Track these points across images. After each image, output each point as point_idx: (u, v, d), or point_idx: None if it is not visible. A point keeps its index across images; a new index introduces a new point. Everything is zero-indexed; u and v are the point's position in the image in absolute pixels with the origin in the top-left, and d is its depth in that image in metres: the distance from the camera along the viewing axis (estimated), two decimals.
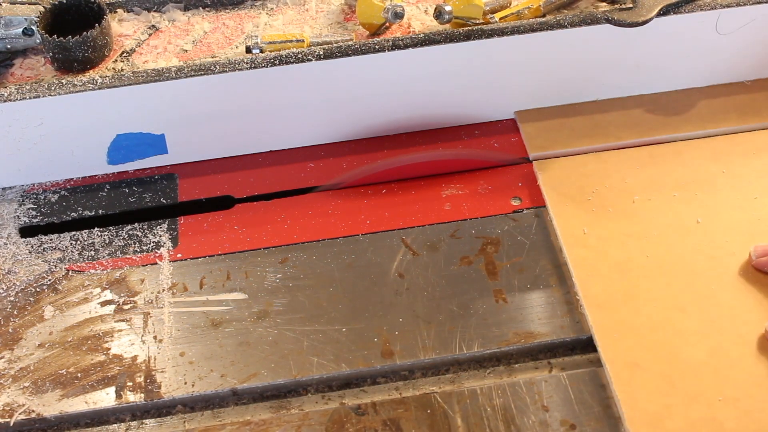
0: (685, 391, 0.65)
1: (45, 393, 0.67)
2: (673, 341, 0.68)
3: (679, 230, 0.76)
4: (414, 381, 0.68)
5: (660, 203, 0.78)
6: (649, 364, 0.66)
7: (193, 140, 0.83)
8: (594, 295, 0.71)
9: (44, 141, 0.79)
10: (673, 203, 0.78)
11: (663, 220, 0.76)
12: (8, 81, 0.81)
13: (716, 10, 0.81)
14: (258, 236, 0.79)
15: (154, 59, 0.83)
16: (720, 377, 0.65)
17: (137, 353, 0.70)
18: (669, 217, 0.77)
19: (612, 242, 0.75)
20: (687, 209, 0.77)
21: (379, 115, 0.84)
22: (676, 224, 0.76)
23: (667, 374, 0.66)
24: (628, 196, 0.79)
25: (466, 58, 0.81)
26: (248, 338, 0.71)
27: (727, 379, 0.65)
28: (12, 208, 0.81)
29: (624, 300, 0.71)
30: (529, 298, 0.73)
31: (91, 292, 0.74)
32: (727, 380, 0.65)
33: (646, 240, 0.75)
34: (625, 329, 0.69)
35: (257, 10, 0.88)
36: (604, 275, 0.73)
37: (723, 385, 0.65)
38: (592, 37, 0.81)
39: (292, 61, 0.77)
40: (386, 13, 0.81)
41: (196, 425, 0.67)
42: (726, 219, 0.76)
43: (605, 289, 0.72)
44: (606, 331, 0.69)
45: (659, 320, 0.69)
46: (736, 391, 0.64)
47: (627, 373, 0.66)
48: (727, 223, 0.76)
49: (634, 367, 0.66)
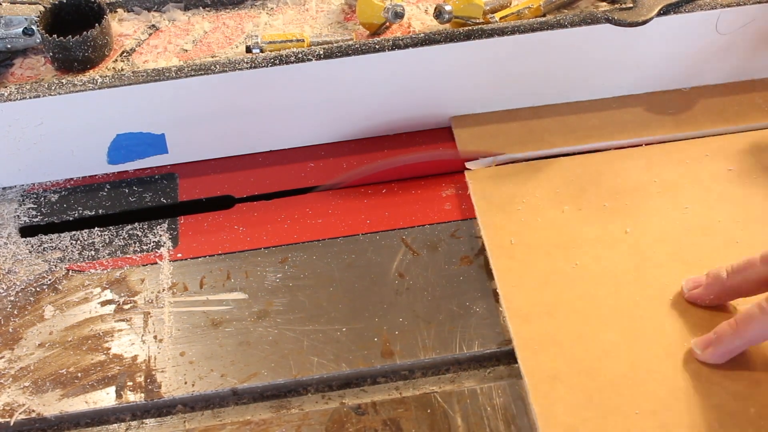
0: (603, 404, 0.64)
1: (45, 393, 0.67)
2: (595, 354, 0.67)
3: (607, 241, 0.74)
4: (414, 381, 0.68)
5: (590, 213, 0.77)
6: (568, 377, 0.65)
7: (193, 140, 0.83)
8: (517, 307, 0.70)
9: (44, 141, 0.79)
10: (603, 213, 0.77)
11: (591, 231, 0.75)
12: (8, 81, 0.81)
13: (716, 10, 0.81)
14: (258, 236, 0.79)
15: (154, 59, 0.83)
16: (639, 390, 0.64)
17: (137, 353, 0.70)
18: (598, 228, 0.75)
19: (539, 253, 0.74)
20: (616, 219, 0.76)
21: (379, 115, 0.84)
22: (604, 234, 0.75)
23: (587, 387, 0.65)
24: (558, 206, 0.77)
25: (465, 57, 0.81)
26: (248, 338, 0.71)
27: (646, 392, 0.64)
28: (12, 208, 0.81)
29: (547, 311, 0.70)
30: None
31: (92, 291, 0.74)
32: (646, 393, 0.64)
33: (574, 250, 0.74)
34: (546, 341, 0.68)
35: (257, 9, 0.88)
36: (528, 286, 0.71)
37: (641, 398, 0.64)
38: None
39: (292, 61, 0.77)
40: (386, 13, 0.81)
41: (197, 425, 0.67)
42: (655, 229, 0.75)
43: (529, 300, 0.70)
44: (527, 343, 0.68)
45: (582, 332, 0.68)
46: (654, 404, 0.63)
47: (546, 386, 0.65)
48: (655, 233, 0.75)
49: (553, 380, 0.65)
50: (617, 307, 0.70)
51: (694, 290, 0.69)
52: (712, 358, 0.65)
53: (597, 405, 0.64)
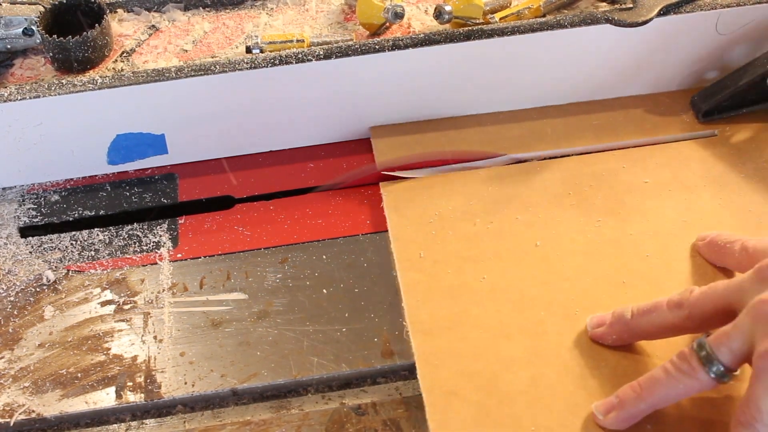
0: (499, 420, 0.62)
1: (45, 393, 0.67)
2: (495, 369, 0.66)
3: (517, 254, 0.73)
4: (414, 381, 0.68)
5: (501, 226, 0.75)
6: (466, 393, 0.64)
7: (193, 140, 0.83)
8: (421, 321, 0.69)
9: (44, 141, 0.79)
10: (515, 226, 0.75)
11: (502, 244, 0.74)
12: (8, 81, 0.81)
13: (716, 10, 0.81)
14: (258, 236, 0.79)
15: (154, 59, 0.83)
16: (537, 406, 0.63)
17: (137, 353, 0.70)
18: (509, 241, 0.74)
19: (447, 266, 0.73)
20: (528, 232, 0.75)
21: (379, 115, 0.84)
22: (515, 248, 0.74)
23: (484, 403, 0.64)
24: (470, 218, 0.76)
25: (464, 57, 0.81)
26: (248, 338, 0.71)
27: (543, 409, 0.63)
28: (12, 208, 0.81)
29: (451, 326, 0.68)
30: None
31: (91, 292, 0.74)
32: (543, 409, 0.63)
33: (482, 264, 0.73)
34: (448, 356, 0.66)
35: (257, 10, 0.88)
36: (434, 300, 0.70)
37: (538, 414, 0.63)
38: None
39: (292, 61, 0.77)
40: (386, 13, 0.81)
41: (196, 425, 0.67)
42: (565, 243, 0.74)
43: (434, 314, 0.69)
44: (428, 358, 0.66)
45: (484, 347, 0.67)
46: (551, 421, 0.62)
47: (443, 402, 0.64)
48: (566, 247, 0.74)
49: (451, 395, 0.64)
50: (521, 321, 0.69)
51: (597, 329, 0.67)
52: (614, 423, 0.61)
53: (494, 420, 0.63)
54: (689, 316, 0.62)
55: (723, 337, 0.58)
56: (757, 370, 0.56)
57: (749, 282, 0.59)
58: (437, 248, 0.74)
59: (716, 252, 0.71)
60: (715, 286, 0.62)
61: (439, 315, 0.69)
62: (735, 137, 0.83)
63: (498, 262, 0.73)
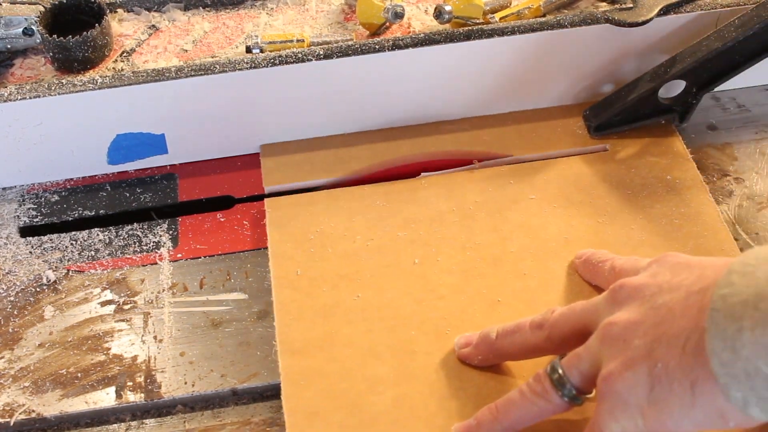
0: None
1: (45, 393, 0.67)
2: (360, 389, 0.64)
3: (394, 272, 0.72)
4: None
5: (382, 243, 0.74)
6: (328, 413, 0.63)
7: (193, 140, 0.83)
8: (291, 340, 0.67)
9: (44, 141, 0.79)
10: (396, 243, 0.74)
11: (380, 261, 0.72)
12: (8, 81, 0.81)
13: (716, 10, 0.81)
14: (258, 236, 0.79)
15: (154, 59, 0.83)
16: (397, 427, 0.62)
17: (137, 353, 0.70)
18: (387, 258, 0.72)
19: (323, 284, 0.71)
20: (407, 249, 0.73)
21: (379, 115, 0.84)
22: (393, 265, 0.72)
23: (345, 424, 0.62)
24: (351, 236, 0.74)
25: (463, 57, 0.81)
26: (248, 338, 0.71)
27: (403, 430, 0.62)
28: (12, 208, 0.81)
29: (322, 345, 0.67)
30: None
31: (91, 292, 0.74)
32: (403, 430, 0.62)
33: (358, 282, 0.71)
34: (314, 376, 0.65)
35: (257, 10, 0.88)
36: (307, 319, 0.69)
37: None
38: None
39: (292, 61, 0.77)
40: (386, 13, 0.81)
41: (196, 425, 0.67)
42: (444, 261, 0.72)
43: (305, 333, 0.68)
44: (294, 378, 0.65)
45: (352, 367, 0.65)
46: None
47: (305, 423, 0.62)
48: (444, 265, 0.72)
49: (313, 416, 0.63)
50: (391, 340, 0.67)
51: (464, 349, 0.65)
52: None
53: None
54: (549, 336, 0.61)
55: (574, 359, 0.57)
56: (600, 393, 0.55)
57: (603, 303, 0.58)
58: (315, 266, 0.72)
59: (590, 271, 0.69)
60: (574, 306, 0.61)
61: (310, 334, 0.68)
62: (624, 152, 0.80)
63: (374, 280, 0.71)
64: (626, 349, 0.54)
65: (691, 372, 0.51)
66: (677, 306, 0.54)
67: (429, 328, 0.68)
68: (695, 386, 0.51)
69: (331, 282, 0.72)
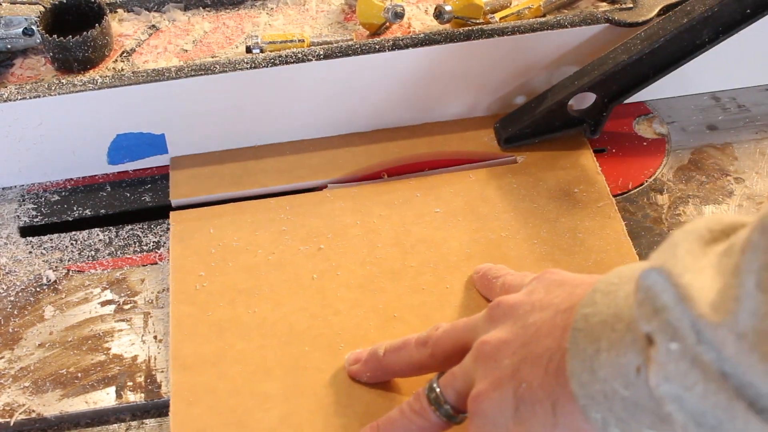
0: None
1: (45, 393, 0.67)
2: (249, 405, 0.63)
3: (293, 286, 0.71)
4: None
5: (283, 257, 0.73)
6: (215, 431, 0.62)
7: (194, 140, 0.83)
8: (184, 356, 0.66)
9: (44, 141, 0.79)
10: (297, 257, 0.73)
11: (280, 276, 0.71)
12: (8, 81, 0.81)
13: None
14: None
15: (154, 59, 0.83)
16: None
17: (137, 353, 0.70)
18: (287, 272, 0.71)
19: (221, 299, 0.70)
20: (308, 264, 0.72)
21: (379, 115, 0.84)
22: (292, 280, 0.71)
23: None
24: (253, 249, 0.73)
25: (463, 57, 0.81)
26: None
27: None
28: (12, 208, 0.81)
29: (215, 361, 0.66)
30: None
31: (91, 291, 0.74)
32: None
33: (256, 297, 0.70)
34: (204, 393, 0.64)
35: (257, 10, 0.88)
36: (201, 334, 0.68)
37: None
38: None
39: (293, 61, 0.77)
40: (386, 13, 0.81)
41: None
42: (343, 275, 0.71)
43: (198, 349, 0.67)
44: (183, 395, 0.64)
45: (242, 383, 0.65)
46: None
47: None
48: (342, 279, 0.71)
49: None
50: (284, 356, 0.66)
51: (353, 365, 0.64)
52: None
53: None
54: (432, 354, 0.59)
55: (450, 378, 0.57)
56: (470, 412, 0.54)
57: (482, 321, 0.57)
58: (215, 280, 0.71)
59: (485, 286, 0.68)
60: (456, 323, 0.60)
61: (204, 350, 0.67)
62: (534, 164, 0.79)
63: (272, 295, 0.70)
64: (496, 369, 0.53)
65: (553, 392, 0.50)
66: (545, 325, 0.53)
67: (322, 344, 0.67)
68: (556, 407, 0.50)
69: (228, 297, 0.70)
